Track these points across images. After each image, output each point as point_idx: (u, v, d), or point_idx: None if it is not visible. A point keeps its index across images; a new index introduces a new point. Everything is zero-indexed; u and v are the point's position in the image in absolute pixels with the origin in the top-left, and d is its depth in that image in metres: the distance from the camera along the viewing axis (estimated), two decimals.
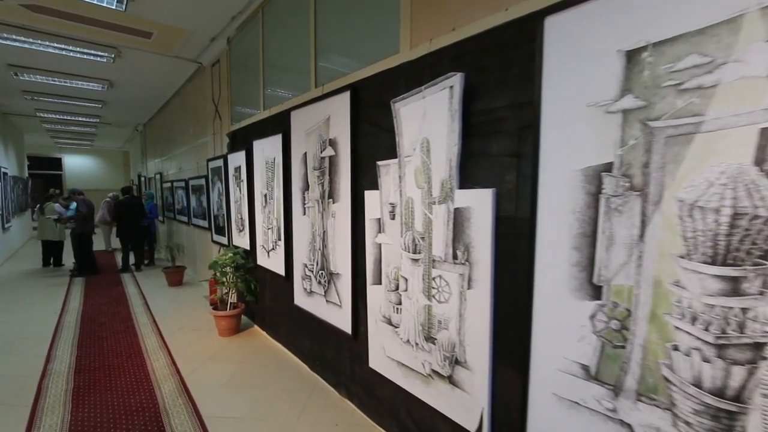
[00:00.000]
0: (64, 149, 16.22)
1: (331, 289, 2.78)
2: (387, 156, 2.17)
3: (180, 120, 7.01)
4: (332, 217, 2.70)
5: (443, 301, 1.87)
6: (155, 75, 6.11)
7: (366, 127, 2.38)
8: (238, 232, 4.43)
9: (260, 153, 3.74)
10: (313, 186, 2.90)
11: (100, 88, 6.53)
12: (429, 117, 1.84)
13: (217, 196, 5.09)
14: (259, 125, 3.81)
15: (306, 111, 2.95)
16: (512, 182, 1.59)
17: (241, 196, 4.28)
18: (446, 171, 1.78)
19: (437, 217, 1.85)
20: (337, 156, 2.60)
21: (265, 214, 3.75)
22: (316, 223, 2.89)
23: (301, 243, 3.13)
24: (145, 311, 4.91)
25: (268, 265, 3.75)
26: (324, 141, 2.74)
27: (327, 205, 2.75)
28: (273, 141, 3.47)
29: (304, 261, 3.11)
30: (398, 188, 2.07)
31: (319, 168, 2.82)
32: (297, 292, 3.26)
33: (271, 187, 3.57)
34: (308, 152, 2.94)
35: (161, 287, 6.14)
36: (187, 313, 4.83)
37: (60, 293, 5.74)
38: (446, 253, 1.82)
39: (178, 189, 7.10)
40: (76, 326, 4.31)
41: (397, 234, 2.11)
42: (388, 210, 2.16)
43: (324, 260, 2.84)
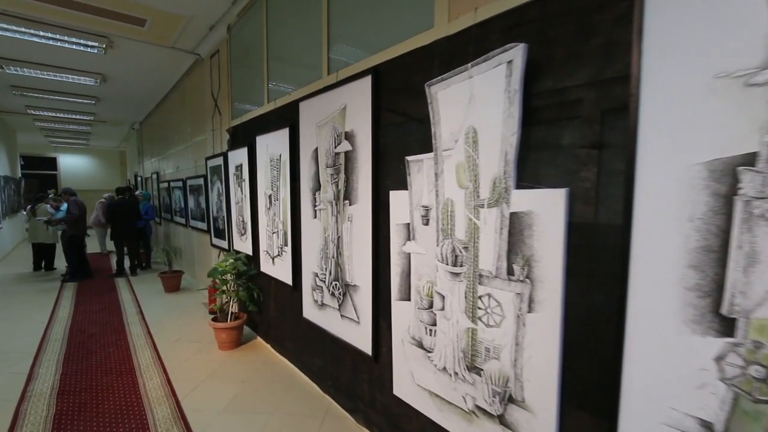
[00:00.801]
0: (60, 149, 15.85)
1: (347, 303, 2.45)
2: (418, 150, 1.84)
3: (177, 117, 6.67)
4: (348, 221, 2.37)
5: (493, 324, 1.54)
6: (150, 69, 5.77)
7: (390, 117, 2.05)
8: (240, 235, 4.09)
9: (264, 149, 3.40)
10: (326, 186, 2.57)
11: (92, 82, 6.18)
12: (477, 101, 1.51)
13: (216, 197, 4.75)
14: (262, 119, 3.48)
15: (317, 101, 2.62)
16: (591, 180, 1.27)
17: (242, 196, 3.94)
18: (500, 167, 1.45)
19: (486, 224, 1.52)
20: (355, 151, 2.27)
21: (269, 217, 3.42)
22: (329, 227, 2.56)
23: (311, 249, 2.80)
24: (140, 320, 4.57)
25: (273, 272, 3.42)
26: (339, 134, 2.41)
27: (342, 208, 2.42)
28: (279, 136, 3.14)
29: (314, 270, 2.78)
30: (434, 188, 1.74)
31: (332, 165, 2.48)
32: (306, 304, 2.93)
33: (277, 186, 3.24)
34: (320, 148, 2.61)
35: (157, 293, 5.80)
36: (185, 322, 4.49)
37: (49, 300, 5.40)
38: (498, 268, 1.49)
39: (176, 189, 6.76)
40: (64, 338, 3.97)
41: (432, 242, 1.78)
42: (420, 214, 1.83)
43: (338, 270, 2.50)
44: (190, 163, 5.96)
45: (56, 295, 5.68)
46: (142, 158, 10.58)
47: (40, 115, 9.07)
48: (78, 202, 6.47)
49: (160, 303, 5.29)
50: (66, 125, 10.60)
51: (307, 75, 2.95)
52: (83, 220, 6.53)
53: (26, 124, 10.48)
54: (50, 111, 8.58)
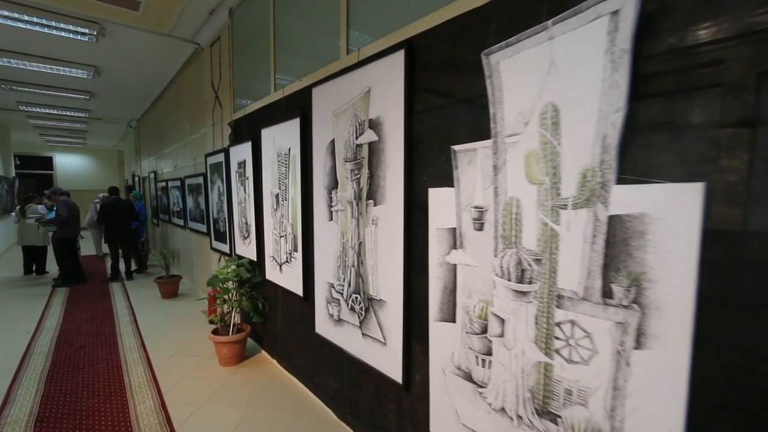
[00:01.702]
0: (56, 148, 15.49)
1: (370, 320, 2.10)
2: (468, 138, 1.49)
3: (175, 113, 6.32)
4: (373, 224, 2.02)
5: (578, 360, 1.18)
6: (146, 61, 5.42)
7: (429, 99, 1.69)
8: (243, 239, 3.74)
9: (270, 143, 3.05)
10: (345, 183, 2.22)
11: (85, 75, 5.83)
12: (560, 70, 1.15)
13: (217, 197, 4.40)
14: (268, 110, 3.13)
15: (334, 86, 2.26)
16: (738, 172, 0.91)
17: (245, 196, 3.59)
18: (593, 155, 1.09)
19: (570, 229, 1.16)
20: (382, 142, 1.92)
21: (276, 219, 3.07)
22: (349, 231, 2.20)
23: (325, 256, 2.44)
24: (133, 330, 4.21)
25: (281, 281, 3.06)
26: (361, 123, 2.05)
27: (365, 209, 2.07)
28: (288, 127, 2.78)
29: (329, 280, 2.42)
30: (491, 184, 1.39)
31: (353, 159, 2.13)
32: (320, 318, 2.57)
33: (285, 185, 2.89)
34: (337, 139, 2.26)
35: (153, 299, 5.44)
36: (182, 333, 4.14)
37: (38, 307, 5.04)
38: (587, 288, 1.14)
39: (173, 189, 6.41)
40: (49, 353, 3.61)
41: (487, 252, 1.43)
42: (472, 217, 1.47)
43: (359, 281, 2.15)
44: (189, 160, 5.61)
45: (45, 301, 5.32)
46: (140, 157, 10.22)
47: (33, 112, 8.71)
48: (68, 203, 6.11)
49: (156, 311, 4.93)
50: (61, 123, 10.24)
51: (321, 57, 2.60)
52: (74, 221, 6.16)
53: (19, 121, 10.13)
54: (43, 107, 8.22)
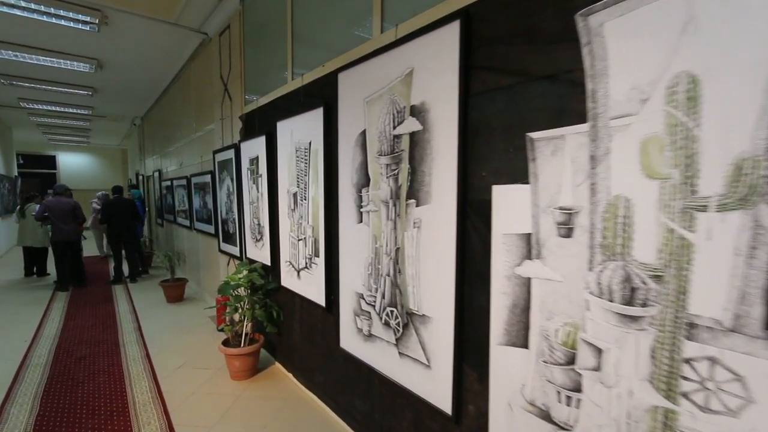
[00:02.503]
0: (59, 147, 15.29)
1: (410, 338, 1.82)
2: (549, 122, 1.21)
3: (181, 109, 6.06)
4: (414, 227, 1.74)
5: (720, 410, 0.90)
6: (150, 52, 5.16)
7: (491, 79, 1.41)
8: (255, 242, 3.47)
9: (287, 137, 2.78)
10: (378, 180, 1.94)
11: (87, 69, 5.58)
12: (703, 26, 0.87)
13: (225, 196, 4.14)
14: (285, 100, 2.86)
15: (365, 69, 1.99)
16: None
17: (258, 195, 3.32)
18: (756, 138, 0.81)
19: (714, 238, 0.88)
20: (427, 131, 1.64)
21: (293, 220, 2.79)
22: (383, 235, 1.93)
23: (353, 263, 2.17)
24: (137, 339, 3.95)
25: (299, 288, 2.79)
26: (400, 110, 1.78)
27: (404, 209, 1.79)
28: (308, 119, 2.51)
29: (358, 289, 2.15)
30: (587, 179, 1.11)
31: (389, 153, 1.85)
32: (345, 332, 2.30)
33: (304, 183, 2.61)
34: (369, 130, 1.99)
35: (158, 303, 5.18)
36: (190, 341, 3.87)
37: (37, 312, 4.79)
38: (739, 315, 0.86)
39: (179, 188, 6.15)
40: (47, 364, 3.36)
41: (578, 264, 1.14)
42: (556, 219, 1.19)
43: (397, 293, 1.87)
44: (195, 158, 5.35)
45: (46, 305, 5.07)
46: (144, 156, 9.99)
47: (35, 109, 8.48)
48: (48, 204, 5.74)
49: (161, 316, 4.67)
50: (63, 120, 10.02)
51: (348, 37, 2.32)
52: (62, 222, 5.79)
53: (21, 119, 9.92)
54: (45, 104, 7.98)
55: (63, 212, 5.76)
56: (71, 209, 5.85)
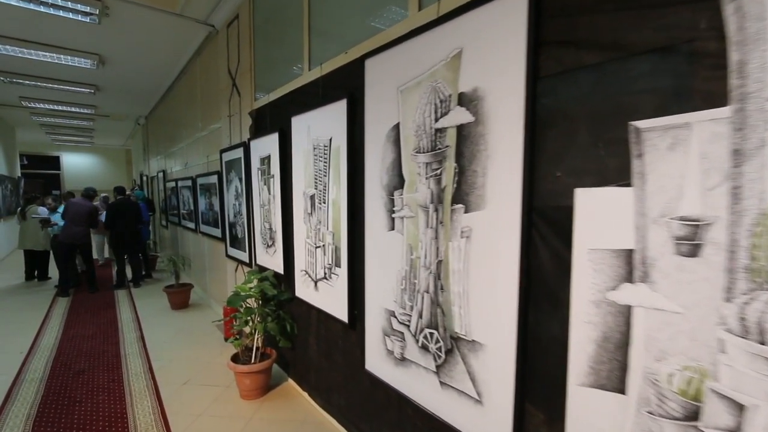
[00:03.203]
0: (63, 147, 15.14)
1: (455, 366, 1.55)
2: (661, 108, 0.94)
3: (186, 106, 5.83)
4: (463, 237, 1.47)
5: None
6: (154, 47, 4.93)
7: (571, 57, 1.14)
8: (266, 248, 3.21)
9: (303, 134, 2.52)
10: (415, 182, 1.68)
11: (89, 65, 5.35)
12: None
13: (233, 198, 3.89)
14: (301, 94, 2.60)
15: (399, 54, 1.72)
16: None
17: (270, 197, 3.07)
18: None
19: None
20: (481, 123, 1.38)
21: (310, 226, 2.53)
22: (421, 245, 1.66)
23: (383, 276, 1.90)
24: (140, 350, 3.71)
25: (316, 301, 2.53)
26: (444, 99, 1.51)
27: (448, 216, 1.52)
28: (328, 113, 2.25)
29: (388, 306, 1.88)
30: (725, 181, 0.84)
31: (431, 149, 1.59)
32: (372, 353, 2.03)
33: (324, 184, 2.35)
34: (404, 124, 1.72)
35: (162, 310, 4.95)
36: (196, 353, 3.63)
37: (36, 320, 4.56)
38: None
39: (184, 189, 5.92)
40: (43, 378, 3.12)
41: (707, 291, 0.87)
42: (675, 233, 0.92)
43: (439, 312, 1.61)
44: (201, 158, 5.11)
45: (45, 312, 4.84)
46: (148, 156, 9.78)
47: (37, 108, 8.29)
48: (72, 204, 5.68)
49: (165, 324, 4.43)
50: (66, 120, 9.84)
51: (375, 18, 2.06)
52: (74, 224, 5.62)
53: (24, 119, 9.74)
54: (47, 103, 7.78)
55: (78, 213, 5.64)
56: (87, 212, 5.72)
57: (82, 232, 5.64)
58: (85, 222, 5.67)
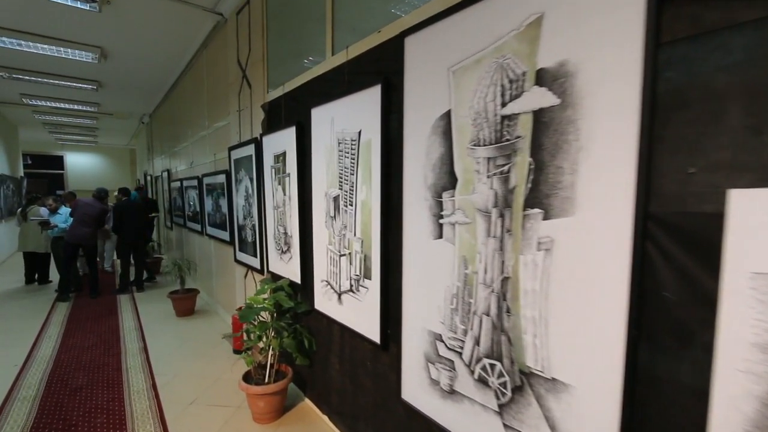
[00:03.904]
0: (67, 147, 14.97)
1: (526, 408, 1.26)
2: None
3: (192, 102, 5.57)
4: (540, 249, 1.18)
5: None
6: (158, 38, 4.66)
7: (712, 14, 0.85)
8: (280, 253, 2.93)
9: (326, 127, 2.24)
10: (472, 180, 1.39)
11: (91, 59, 5.10)
12: None
13: (243, 199, 3.61)
14: (323, 81, 2.32)
15: (450, 27, 1.44)
16: None
17: (285, 198, 2.79)
18: None
19: None
20: (570, 107, 1.08)
21: (333, 231, 2.25)
22: (480, 257, 1.37)
23: (426, 292, 1.62)
24: (143, 363, 3.44)
25: (340, 315, 2.24)
26: (516, 78, 1.22)
27: (520, 223, 1.23)
28: (358, 102, 1.96)
29: (433, 327, 1.60)
30: None
31: (495, 141, 1.30)
32: (411, 381, 1.74)
33: (350, 183, 2.07)
34: (456, 111, 1.43)
35: (167, 318, 4.68)
36: (203, 367, 3.35)
37: (33, 328, 4.31)
38: None
39: (189, 189, 5.65)
40: (37, 397, 2.85)
41: None
42: None
43: (503, 340, 1.32)
44: (208, 156, 4.84)
45: (43, 320, 4.59)
46: (152, 155, 9.54)
47: (39, 106, 8.07)
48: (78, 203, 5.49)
49: (170, 334, 4.16)
50: (69, 118, 9.62)
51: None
52: (81, 225, 5.42)
53: (26, 117, 9.54)
54: (48, 100, 7.55)
55: (87, 214, 5.43)
56: (98, 214, 5.53)
57: (90, 233, 5.42)
58: (93, 223, 5.46)
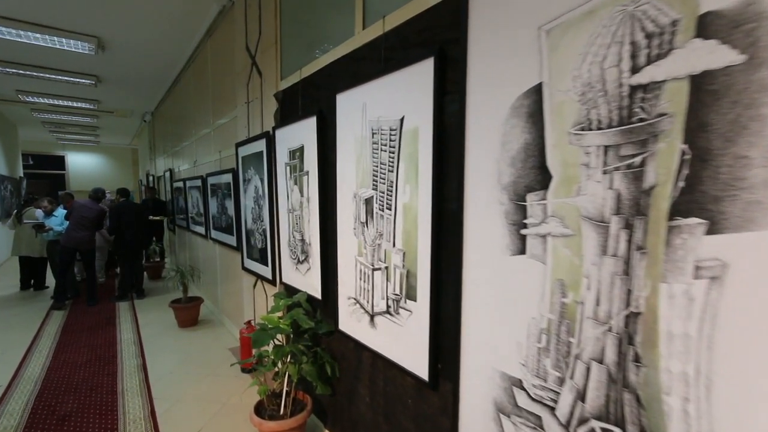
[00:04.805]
0: (68, 146, 14.69)
1: None
2: None
3: (195, 97, 5.22)
4: (698, 276, 0.81)
5: None
6: (159, 27, 4.32)
7: None
8: (295, 263, 2.57)
9: (355, 114, 1.87)
10: (577, 177, 1.02)
11: (87, 50, 4.76)
12: None
13: (252, 201, 3.25)
14: (351, 61, 1.95)
15: None
16: None
17: (303, 200, 2.42)
18: None
19: None
20: (766, 66, 0.71)
21: (364, 239, 1.88)
22: (587, 283, 1.00)
23: (498, 322, 1.25)
24: (141, 383, 3.08)
25: (372, 341, 1.87)
26: (659, 32, 0.84)
27: (663, 238, 0.86)
28: (399, 81, 1.59)
29: (508, 369, 1.22)
30: None
31: (622, 122, 0.92)
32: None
33: (389, 182, 1.70)
34: (552, 84, 1.06)
35: (168, 329, 4.33)
36: (208, 390, 3.00)
37: (24, 340, 3.97)
38: None
39: (192, 189, 5.31)
40: (19, 427, 2.50)
41: None
42: None
43: (627, 400, 0.94)
44: (213, 154, 4.49)
45: (35, 331, 4.24)
46: (154, 154, 9.22)
47: (36, 103, 7.76)
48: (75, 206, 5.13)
49: (171, 348, 3.81)
50: (69, 117, 9.31)
51: None
52: (79, 228, 5.07)
53: (25, 116, 9.25)
54: (46, 97, 7.24)
55: (84, 217, 5.09)
56: (96, 216, 5.20)
57: (88, 237, 5.09)
58: (91, 226, 5.14)
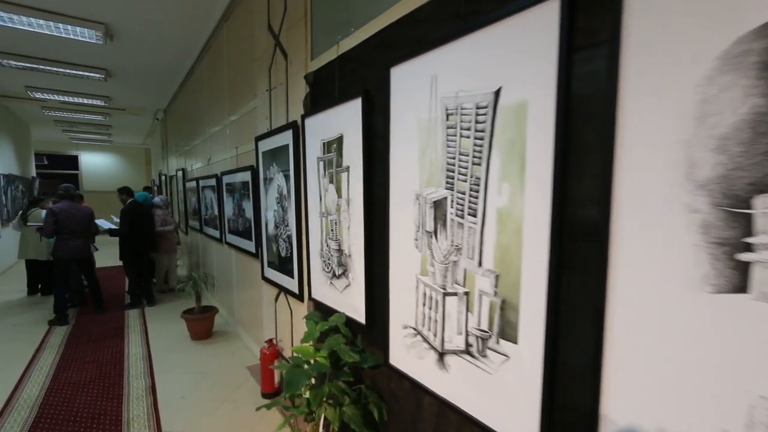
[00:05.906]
0: (81, 146, 14.58)
1: None
2: None
3: (210, 90, 4.85)
4: None
5: None
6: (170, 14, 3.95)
7: None
8: (329, 277, 2.15)
9: (420, 92, 1.43)
10: None
11: (95, 38, 4.41)
12: None
13: (275, 201, 2.85)
14: (408, 26, 1.51)
15: None
16: None
17: (341, 202, 2.00)
18: None
19: None
20: None
21: (433, 254, 1.44)
22: None
23: (675, 390, 0.80)
24: (149, 411, 2.70)
25: (441, 386, 1.44)
26: None
27: None
28: (488, 43, 1.15)
29: None
30: None
31: None
32: None
33: (474, 178, 1.26)
34: None
35: (180, 341, 3.96)
36: (225, 419, 2.60)
37: (24, 355, 3.63)
38: None
39: (206, 189, 4.94)
40: None
41: None
42: None
43: None
44: (228, 150, 4.11)
45: (38, 344, 3.91)
46: (167, 153, 8.93)
47: (47, 100, 7.52)
48: (54, 210, 4.44)
49: (183, 366, 3.43)
50: (80, 115, 9.08)
51: None
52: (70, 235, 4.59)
53: (38, 115, 9.06)
54: (55, 93, 6.97)
55: (77, 221, 4.52)
56: (87, 218, 4.68)
57: (82, 244, 4.66)
58: (84, 231, 4.67)
